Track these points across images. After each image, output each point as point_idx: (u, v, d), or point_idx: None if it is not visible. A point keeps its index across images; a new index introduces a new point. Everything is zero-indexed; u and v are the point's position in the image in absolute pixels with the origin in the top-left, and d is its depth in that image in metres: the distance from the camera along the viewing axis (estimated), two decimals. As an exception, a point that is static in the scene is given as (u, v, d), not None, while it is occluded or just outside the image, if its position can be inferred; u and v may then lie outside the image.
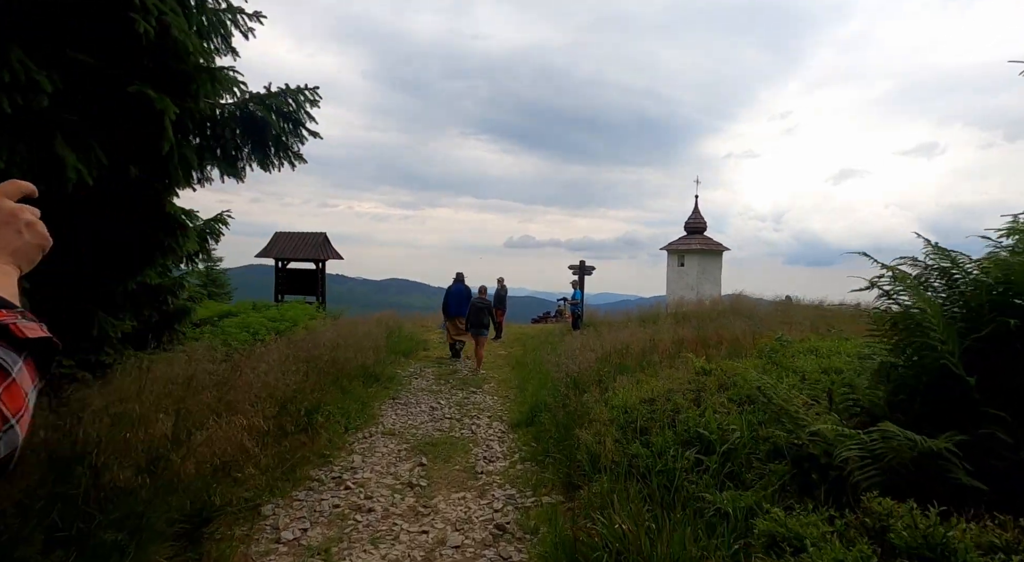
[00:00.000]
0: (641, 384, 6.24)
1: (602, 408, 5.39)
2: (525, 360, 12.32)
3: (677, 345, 9.90)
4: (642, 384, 6.18)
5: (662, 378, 6.26)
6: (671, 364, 8.13)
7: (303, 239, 17.97)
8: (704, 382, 5.52)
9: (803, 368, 5.61)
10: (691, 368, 6.78)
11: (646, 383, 6.27)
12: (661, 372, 6.91)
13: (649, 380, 6.32)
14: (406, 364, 12.11)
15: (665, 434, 4.14)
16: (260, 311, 14.05)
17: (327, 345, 8.90)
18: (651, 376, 7.06)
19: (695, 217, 20.60)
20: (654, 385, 5.60)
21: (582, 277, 17.42)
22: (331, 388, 7.74)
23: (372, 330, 13.62)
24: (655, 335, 12.17)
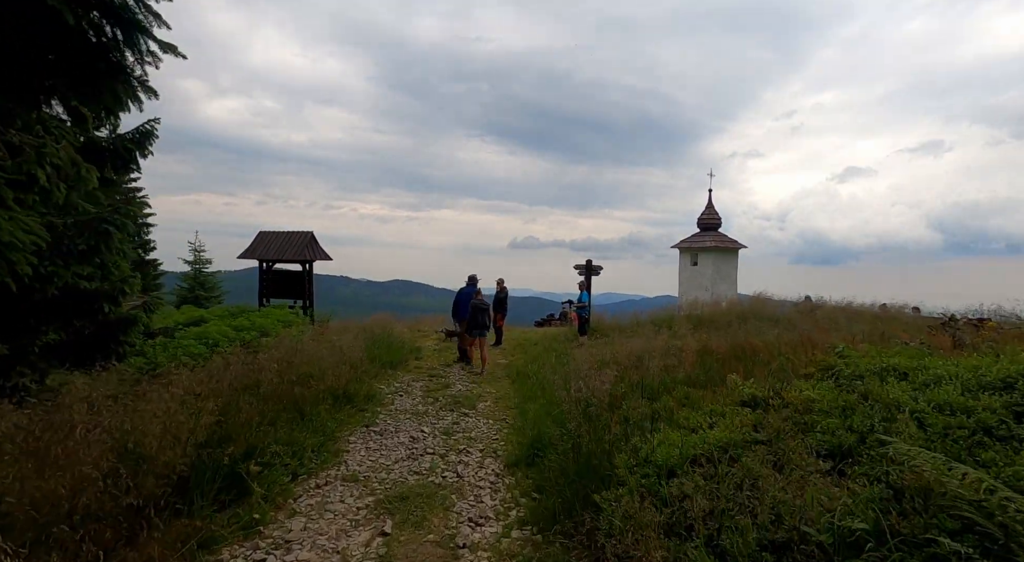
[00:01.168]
0: (678, 422, 4.64)
1: (630, 463, 3.79)
2: (527, 371, 10.72)
3: (706, 357, 8.27)
4: (680, 422, 4.58)
5: (704, 412, 4.65)
6: (707, 384, 6.52)
7: (288, 239, 16.43)
8: (771, 424, 3.90)
9: (905, 402, 3.98)
10: (736, 394, 5.17)
11: (686, 419, 4.65)
12: (702, 403, 5.29)
13: (689, 415, 4.70)
14: (392, 377, 10.53)
15: (746, 535, 2.54)
16: (237, 317, 12.50)
17: (286, 361, 7.32)
18: (686, 406, 5.44)
19: (709, 212, 18.92)
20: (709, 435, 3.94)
21: (589, 277, 15.79)
22: (284, 418, 6.16)
23: (358, 337, 12.05)
24: (674, 343, 10.55)
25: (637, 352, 10.11)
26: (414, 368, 11.62)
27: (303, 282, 16.35)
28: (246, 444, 4.86)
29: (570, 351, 12.70)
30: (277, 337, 10.21)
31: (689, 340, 10.50)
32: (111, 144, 8.00)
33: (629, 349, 10.76)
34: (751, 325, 11.77)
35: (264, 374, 6.37)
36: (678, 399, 6.31)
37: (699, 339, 10.84)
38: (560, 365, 10.33)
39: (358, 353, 9.90)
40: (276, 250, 16.26)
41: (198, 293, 21.75)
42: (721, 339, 10.02)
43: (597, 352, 11.45)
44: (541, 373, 10.08)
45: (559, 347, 13.77)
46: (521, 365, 11.66)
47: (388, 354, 11.54)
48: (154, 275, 30.03)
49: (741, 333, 10.59)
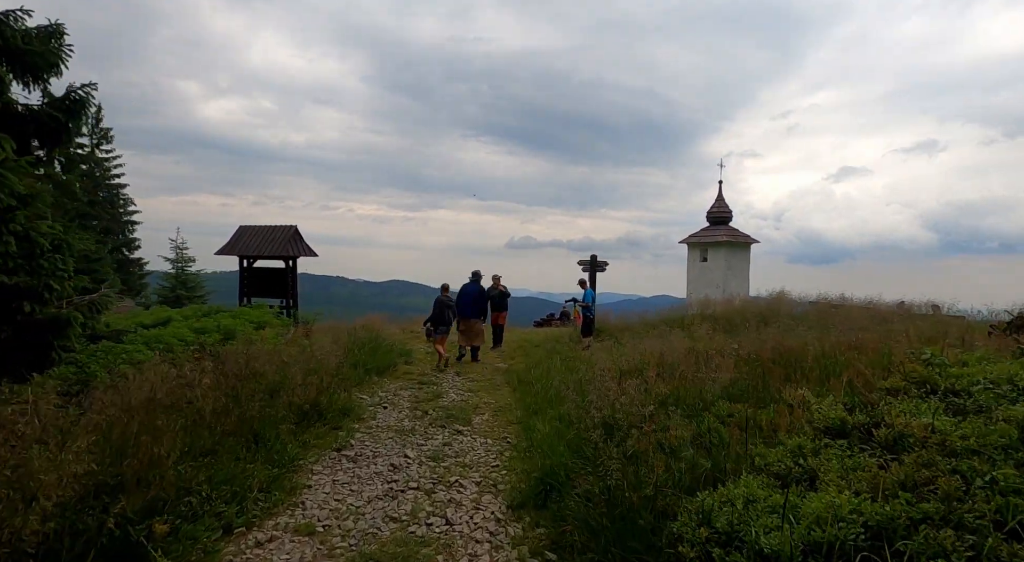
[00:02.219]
0: (752, 459, 3.29)
1: (699, 536, 2.45)
2: (529, 378, 9.37)
3: (744, 363, 6.93)
4: (757, 463, 3.23)
5: (787, 449, 3.30)
6: (756, 398, 5.18)
7: (270, 234, 15.04)
8: (914, 475, 2.56)
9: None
10: (817, 418, 3.84)
11: (762, 457, 3.31)
12: (762, 424, 3.95)
13: (763, 452, 3.36)
14: (378, 386, 9.16)
15: None
16: (204, 318, 11.11)
17: (243, 372, 5.95)
18: (734, 423, 4.10)
19: (719, 205, 17.60)
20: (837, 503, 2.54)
21: (593, 274, 14.47)
22: (228, 446, 4.79)
23: (339, 340, 10.68)
24: (695, 346, 9.23)
25: (655, 356, 8.79)
26: (403, 374, 10.25)
27: (286, 280, 14.97)
28: (155, 490, 3.49)
29: (576, 354, 11.37)
30: (245, 341, 8.84)
31: (713, 342, 9.19)
32: (31, 111, 6.64)
33: (643, 352, 9.43)
34: (778, 325, 10.47)
35: (199, 389, 4.98)
36: (721, 416, 4.99)
37: (722, 341, 9.53)
38: (568, 372, 8.99)
39: (336, 359, 8.54)
40: (257, 246, 14.88)
41: (179, 293, 20.31)
42: (748, 341, 8.70)
43: (607, 356, 10.12)
44: (546, 380, 8.74)
45: (563, 350, 12.42)
46: (522, 370, 10.32)
47: (374, 359, 10.17)
48: (139, 274, 28.60)
49: (769, 334, 9.27)
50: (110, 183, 27.17)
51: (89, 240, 24.14)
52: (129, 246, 27.68)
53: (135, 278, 27.33)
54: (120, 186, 27.49)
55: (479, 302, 12.47)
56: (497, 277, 13.70)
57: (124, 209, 27.55)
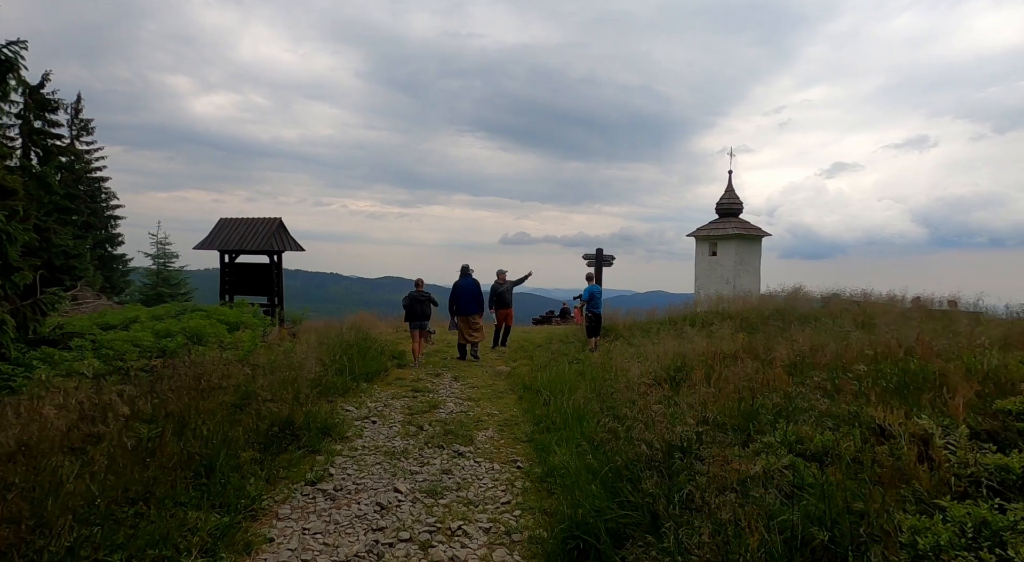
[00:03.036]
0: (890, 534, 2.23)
1: None
2: (536, 384, 8.29)
3: (800, 376, 5.86)
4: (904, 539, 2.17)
5: (960, 523, 2.24)
6: (833, 417, 4.13)
7: (252, 227, 13.84)
8: None
9: None
10: (959, 462, 2.77)
11: (910, 531, 2.24)
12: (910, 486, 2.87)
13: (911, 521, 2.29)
14: (367, 394, 8.05)
15: None
16: (179, 318, 9.95)
17: (199, 385, 4.84)
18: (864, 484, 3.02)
19: (729, 196, 16.54)
20: None
21: (599, 269, 13.41)
22: (167, 484, 3.68)
23: (325, 342, 9.57)
24: (720, 347, 8.18)
25: (676, 359, 7.74)
26: (395, 380, 9.14)
27: (270, 276, 13.79)
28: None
29: (585, 357, 10.31)
30: (222, 346, 7.70)
31: (736, 342, 8.14)
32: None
33: (661, 354, 8.38)
34: (815, 324, 9.45)
35: (112, 421, 3.85)
36: (789, 443, 3.93)
37: (748, 342, 8.48)
38: (580, 377, 7.92)
39: (319, 364, 7.43)
40: (238, 240, 13.68)
41: (161, 290, 19.05)
42: (782, 342, 7.65)
43: (622, 357, 9.05)
44: (556, 387, 7.68)
45: (570, 351, 11.36)
46: (527, 375, 9.24)
47: (363, 363, 9.05)
48: (123, 271, 27.25)
49: (804, 335, 8.23)
50: (91, 176, 25.81)
51: (67, 235, 22.80)
52: (112, 242, 26.34)
53: (118, 275, 26.02)
54: (102, 179, 26.14)
55: (478, 297, 11.69)
56: (503, 272, 12.65)
57: (106, 203, 26.21)
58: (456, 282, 11.81)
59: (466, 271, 11.86)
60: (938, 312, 14.08)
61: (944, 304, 15.88)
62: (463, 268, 11.89)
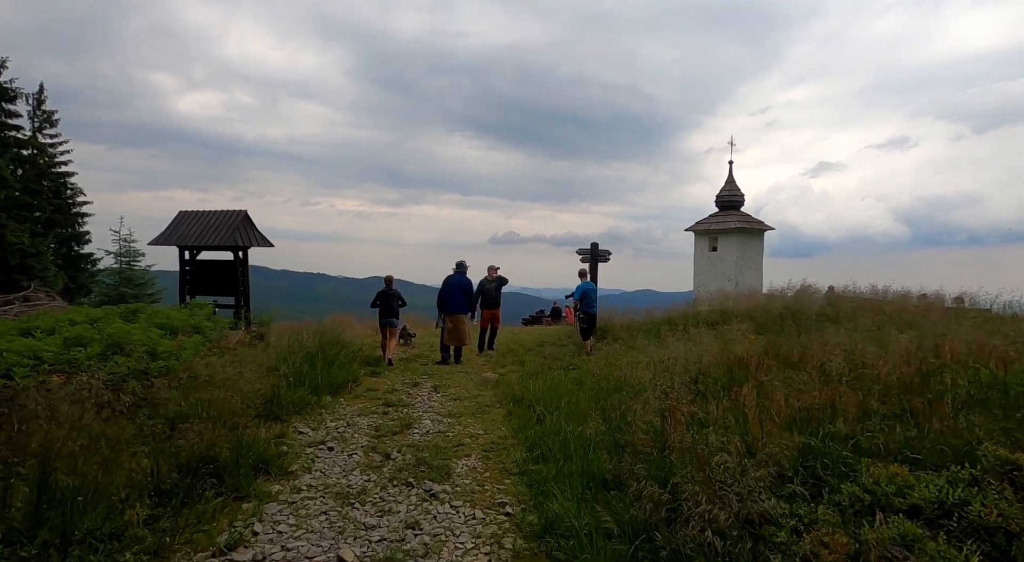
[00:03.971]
0: None
1: None
2: (527, 395, 7.06)
3: (857, 392, 4.66)
4: None
5: None
6: (921, 449, 2.94)
7: (214, 220, 12.43)
8: None
9: None
10: None
11: None
12: None
13: None
14: (330, 410, 6.76)
15: None
16: (96, 324, 8.55)
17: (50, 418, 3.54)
18: None
19: (730, 188, 15.40)
20: None
21: (594, 265, 12.21)
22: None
23: (285, 350, 8.25)
24: (737, 350, 7.01)
25: (691, 366, 6.54)
26: (366, 392, 7.83)
27: (235, 274, 12.40)
28: None
29: (581, 362, 9.09)
30: (153, 355, 6.35)
31: (754, 345, 6.98)
32: None
33: (671, 361, 7.18)
34: (850, 324, 8.32)
35: None
36: (887, 495, 2.75)
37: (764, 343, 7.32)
38: (583, 390, 6.70)
39: (272, 376, 6.13)
40: (198, 234, 12.28)
41: (124, 291, 17.53)
42: (813, 346, 6.48)
43: (623, 364, 7.84)
44: (552, 400, 6.46)
45: (564, 356, 10.14)
46: (517, 384, 7.99)
47: (328, 372, 7.74)
48: (90, 272, 25.55)
49: (836, 337, 7.08)
50: (56, 171, 24.14)
51: (24, 232, 21.03)
52: (78, 240, 24.67)
53: (85, 275, 24.35)
54: (68, 174, 24.48)
55: (468, 295, 10.45)
56: (494, 268, 11.40)
57: (72, 200, 24.54)
58: (447, 278, 10.58)
59: (461, 267, 10.63)
60: (956, 309, 13.08)
61: (949, 302, 14.94)
62: (458, 264, 10.66)
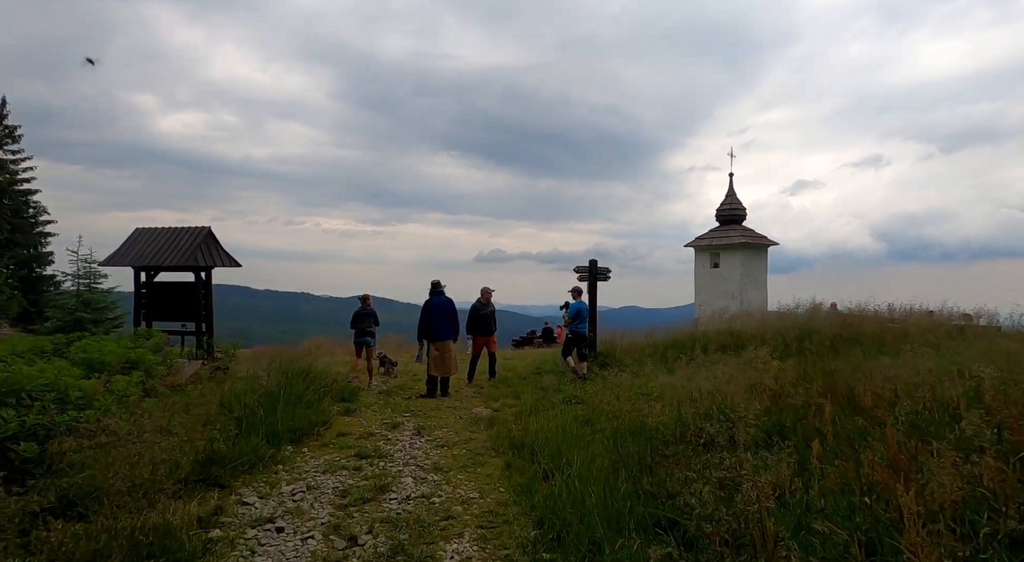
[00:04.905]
0: None
1: None
2: (528, 440, 5.84)
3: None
4: None
5: None
6: None
7: (173, 238, 11.10)
8: None
9: None
10: None
11: None
12: None
13: None
14: (288, 465, 5.45)
15: None
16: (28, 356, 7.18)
17: None
18: None
19: (731, 201, 14.46)
20: None
21: (593, 284, 11.10)
22: None
23: (230, 395, 6.96)
24: (766, 381, 5.89)
25: (716, 398, 5.39)
26: (336, 437, 6.52)
27: (196, 298, 11.05)
28: None
29: (586, 395, 7.88)
30: (66, 400, 5.03)
31: (788, 374, 5.88)
32: None
33: (696, 393, 6.03)
34: (854, 349, 7.27)
35: None
36: None
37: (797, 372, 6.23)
38: (596, 433, 5.50)
39: (208, 430, 4.84)
40: (155, 253, 10.94)
41: (81, 315, 16.04)
42: (871, 378, 5.39)
43: (639, 399, 6.66)
44: (559, 446, 5.27)
45: (564, 386, 8.93)
46: (514, 423, 6.77)
47: (290, 415, 6.43)
48: (53, 294, 23.76)
49: (852, 361, 6.01)
50: (17, 190, 22.55)
51: (-27, 253, 19.32)
52: (40, 262, 22.99)
53: (47, 299, 22.60)
54: (29, 192, 22.91)
55: (454, 319, 9.30)
56: (489, 290, 10.29)
57: (35, 219, 22.91)
58: (428, 301, 9.37)
59: (438, 288, 9.46)
60: (976, 327, 12.21)
61: (957, 319, 14.18)
62: (434, 284, 9.49)
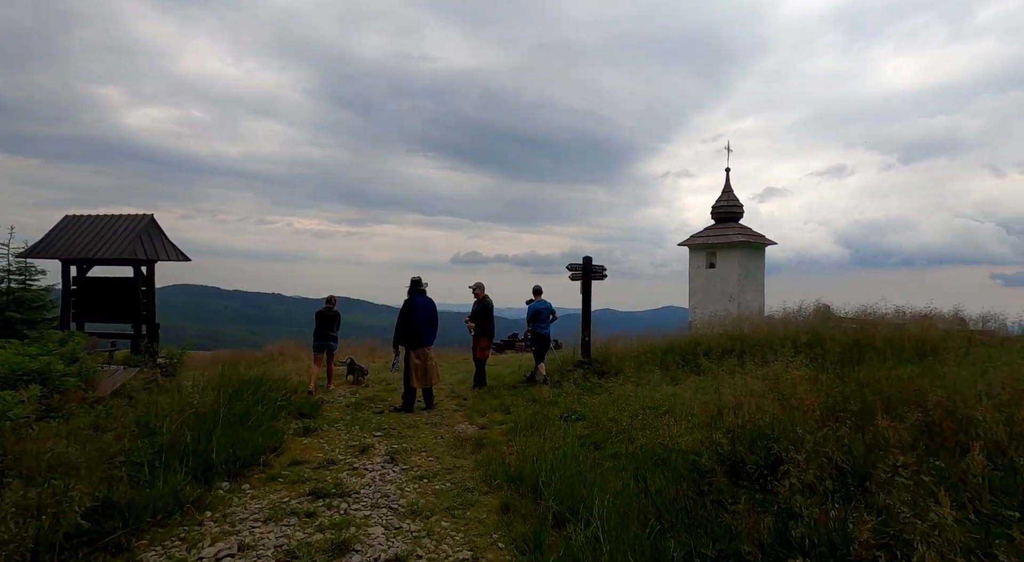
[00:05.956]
0: None
1: None
2: (527, 470, 4.67)
3: None
4: None
5: None
6: None
7: (110, 227, 9.58)
8: None
9: None
10: None
11: None
12: None
13: None
14: (222, 509, 4.16)
15: None
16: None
17: None
18: None
19: (727, 198, 13.59)
20: None
21: (587, 282, 10.02)
22: None
23: (165, 406, 5.61)
24: (796, 393, 4.86)
25: (755, 415, 4.32)
26: (287, 468, 5.20)
27: (135, 295, 9.54)
28: None
29: (588, 409, 6.76)
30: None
31: (816, 383, 4.87)
32: None
33: (719, 408, 4.97)
34: (866, 353, 6.35)
35: None
36: None
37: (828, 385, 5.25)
38: (608, 458, 4.35)
39: (110, 465, 3.52)
40: (86, 244, 9.41)
41: (11, 315, 14.19)
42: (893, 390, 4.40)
43: (649, 414, 5.56)
44: (566, 479, 4.12)
45: (560, 398, 7.79)
46: (507, 445, 5.59)
47: (234, 438, 5.11)
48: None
49: (882, 371, 5.06)
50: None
51: None
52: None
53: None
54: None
55: (435, 322, 8.09)
56: (480, 286, 9.14)
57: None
58: (410, 301, 7.92)
59: (419, 286, 8.03)
60: (987, 333, 11.57)
61: (956, 323, 13.63)
62: (415, 282, 8.01)
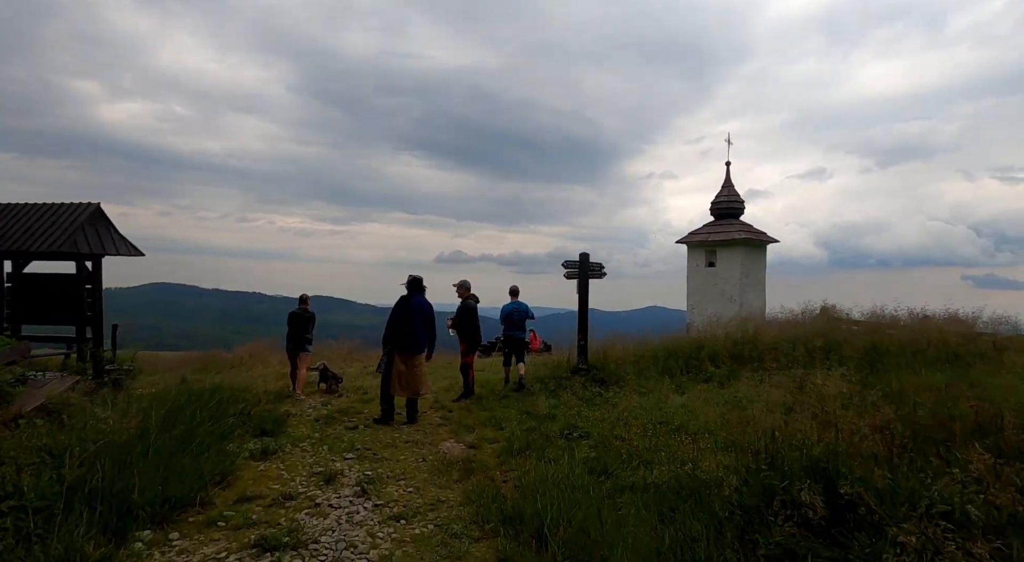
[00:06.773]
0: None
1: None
2: (526, 508, 3.77)
3: None
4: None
5: None
6: None
7: (48, 216, 8.44)
8: None
9: None
10: None
11: None
12: None
13: None
14: None
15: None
16: None
17: None
18: None
19: (728, 193, 12.88)
20: None
21: (584, 281, 9.16)
22: None
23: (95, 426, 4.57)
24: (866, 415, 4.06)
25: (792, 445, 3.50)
26: (231, 508, 4.22)
27: (78, 295, 8.41)
28: None
29: (591, 425, 5.89)
30: None
31: (864, 399, 4.06)
32: None
33: (749, 427, 4.15)
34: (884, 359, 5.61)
35: None
36: None
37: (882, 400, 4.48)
38: (618, 489, 3.48)
39: None
40: (21, 235, 8.25)
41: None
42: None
43: (659, 430, 4.72)
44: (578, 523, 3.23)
45: (557, 410, 6.90)
46: (500, 473, 4.69)
47: (168, 467, 4.12)
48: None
49: (916, 382, 4.32)
50: None
51: None
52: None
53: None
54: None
55: (431, 326, 7.07)
56: (464, 285, 8.20)
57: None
58: (405, 299, 6.92)
59: (418, 285, 7.02)
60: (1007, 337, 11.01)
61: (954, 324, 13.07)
62: (412, 279, 7.00)
